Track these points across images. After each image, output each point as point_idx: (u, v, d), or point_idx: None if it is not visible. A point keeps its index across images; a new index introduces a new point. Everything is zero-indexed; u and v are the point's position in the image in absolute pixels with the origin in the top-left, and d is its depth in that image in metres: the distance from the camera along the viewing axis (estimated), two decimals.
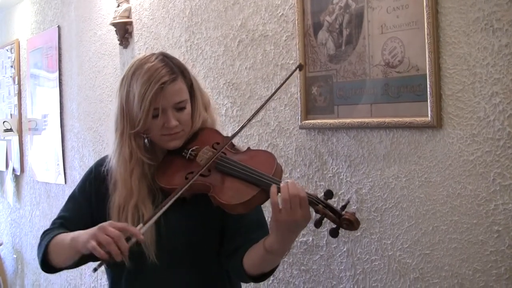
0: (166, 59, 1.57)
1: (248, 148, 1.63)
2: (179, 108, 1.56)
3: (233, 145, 1.63)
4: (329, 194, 1.40)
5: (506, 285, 1.56)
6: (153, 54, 1.59)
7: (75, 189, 1.73)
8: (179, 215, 1.56)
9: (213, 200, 1.48)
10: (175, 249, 1.47)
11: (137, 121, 1.53)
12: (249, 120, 1.59)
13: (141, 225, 1.41)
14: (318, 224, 1.39)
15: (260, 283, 1.63)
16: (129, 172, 1.56)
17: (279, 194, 1.36)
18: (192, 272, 1.59)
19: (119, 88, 1.59)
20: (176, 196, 1.45)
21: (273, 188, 1.38)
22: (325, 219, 1.38)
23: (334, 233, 1.39)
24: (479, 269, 1.62)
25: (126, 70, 1.59)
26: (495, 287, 1.59)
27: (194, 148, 1.59)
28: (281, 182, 1.41)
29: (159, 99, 1.51)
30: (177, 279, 1.57)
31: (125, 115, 1.56)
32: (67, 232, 1.56)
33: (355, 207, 1.95)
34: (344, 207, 1.39)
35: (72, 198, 1.71)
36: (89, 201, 1.66)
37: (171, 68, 1.54)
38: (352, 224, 1.36)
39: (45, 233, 1.64)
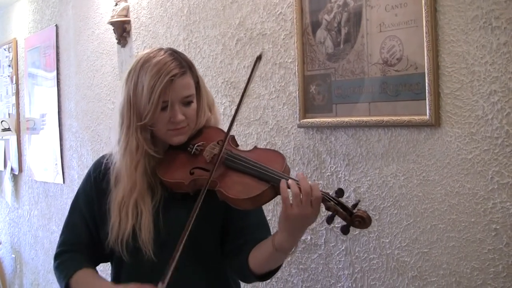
0: (175, 54, 1.58)
1: (255, 147, 1.64)
2: (187, 102, 1.56)
3: (237, 144, 1.63)
4: (340, 192, 1.40)
5: (504, 283, 1.56)
6: (162, 48, 1.59)
7: (76, 195, 1.73)
8: (180, 211, 1.56)
9: (220, 195, 1.47)
10: (175, 245, 1.47)
11: (144, 113, 1.53)
12: (237, 110, 1.54)
13: (160, 283, 1.42)
14: (330, 220, 1.40)
15: (260, 282, 1.63)
16: (134, 165, 1.56)
17: (289, 189, 1.37)
18: (193, 268, 1.59)
19: (125, 81, 1.58)
20: (193, 218, 1.44)
21: (283, 183, 1.38)
22: (336, 216, 1.39)
23: (345, 231, 1.40)
24: (477, 267, 1.62)
25: (133, 63, 1.59)
26: (493, 285, 1.59)
27: (200, 143, 1.60)
28: (293, 179, 1.41)
29: (168, 92, 1.51)
30: (177, 276, 1.57)
31: (132, 108, 1.55)
32: (85, 268, 1.61)
33: None
34: (355, 205, 1.40)
35: (74, 207, 1.72)
36: (91, 206, 1.67)
37: (180, 62, 1.55)
38: (364, 221, 1.36)
39: (60, 260, 1.66)
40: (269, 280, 2.30)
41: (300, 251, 2.18)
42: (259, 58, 1.53)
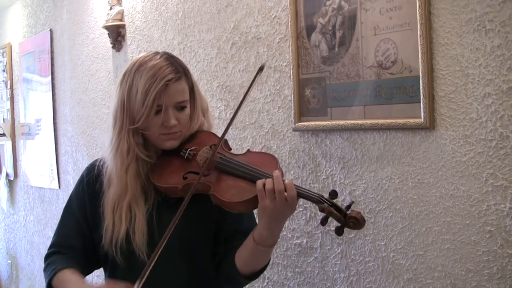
0: (171, 59, 1.58)
1: (248, 150, 1.64)
2: (180, 107, 1.56)
3: (229, 148, 1.63)
4: (334, 194, 1.43)
5: (498, 284, 1.56)
6: (157, 52, 1.59)
7: (70, 198, 1.73)
8: (174, 215, 1.56)
9: (214, 199, 1.48)
10: (169, 248, 1.47)
11: (138, 117, 1.53)
12: (234, 117, 1.57)
13: (137, 282, 1.41)
14: (324, 222, 1.42)
15: (254, 283, 1.63)
16: (125, 167, 1.56)
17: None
18: (186, 271, 1.59)
19: (120, 83, 1.58)
20: (181, 213, 1.44)
21: (260, 181, 1.41)
22: (330, 218, 1.40)
23: (339, 232, 1.41)
24: (472, 269, 1.63)
25: (128, 66, 1.59)
26: (487, 287, 1.59)
27: (192, 148, 1.60)
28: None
29: (163, 97, 1.51)
30: (170, 278, 1.57)
31: (126, 110, 1.55)
32: (67, 268, 1.59)
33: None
34: (348, 206, 1.41)
35: (67, 209, 1.72)
36: (83, 210, 1.66)
37: (176, 68, 1.55)
38: (358, 222, 1.38)
39: (48, 261, 1.65)
40: (265, 284, 2.31)
41: (296, 254, 2.18)
42: (261, 69, 1.56)
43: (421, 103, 1.69)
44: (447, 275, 1.69)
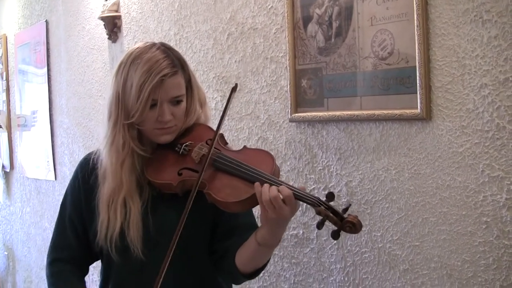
0: (168, 51, 1.54)
1: (245, 146, 1.62)
2: (176, 102, 1.53)
3: (225, 143, 1.62)
4: (331, 196, 1.40)
5: (494, 275, 1.57)
6: (154, 44, 1.55)
7: (65, 196, 1.72)
8: (169, 210, 1.55)
9: (209, 197, 1.46)
10: (164, 245, 1.46)
11: (132, 112, 1.50)
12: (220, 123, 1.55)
13: None
14: (320, 225, 1.39)
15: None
16: (120, 162, 1.54)
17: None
18: (182, 269, 1.58)
19: (115, 75, 1.55)
20: (186, 214, 1.43)
21: (258, 187, 1.38)
22: (327, 221, 1.38)
23: (335, 236, 1.39)
24: (468, 259, 1.63)
25: (124, 57, 1.55)
26: (483, 277, 1.59)
27: (187, 143, 1.57)
28: (280, 181, 1.41)
29: (158, 92, 1.48)
30: (167, 275, 1.56)
31: (121, 104, 1.52)
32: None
33: (345, 200, 1.95)
34: (345, 210, 1.39)
35: (63, 208, 1.71)
36: (78, 208, 1.65)
37: (172, 61, 1.52)
38: (355, 226, 1.36)
39: (52, 272, 1.65)
40: (261, 275, 2.31)
41: (292, 245, 2.18)
42: (234, 89, 1.55)
43: (418, 93, 1.69)
44: (443, 265, 1.69)
